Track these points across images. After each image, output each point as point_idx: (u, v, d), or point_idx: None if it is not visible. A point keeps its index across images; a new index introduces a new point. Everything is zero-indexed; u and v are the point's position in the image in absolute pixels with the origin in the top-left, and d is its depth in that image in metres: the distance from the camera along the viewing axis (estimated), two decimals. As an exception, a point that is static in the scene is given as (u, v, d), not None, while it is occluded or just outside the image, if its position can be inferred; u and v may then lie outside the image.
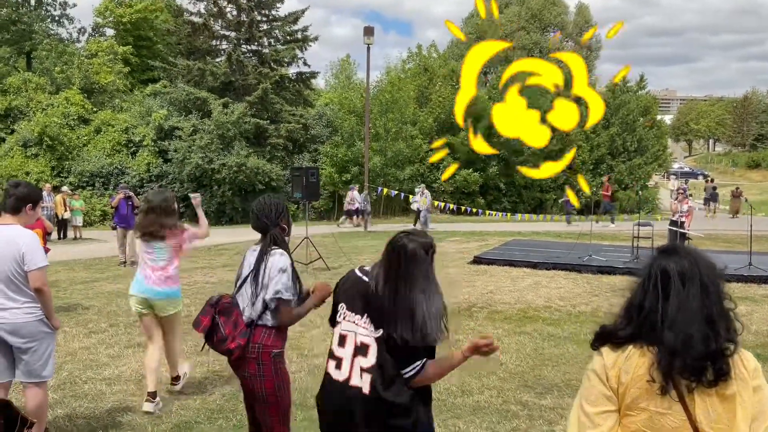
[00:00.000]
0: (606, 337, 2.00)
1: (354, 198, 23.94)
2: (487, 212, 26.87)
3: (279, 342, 3.44)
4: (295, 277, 3.48)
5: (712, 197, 31.18)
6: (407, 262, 2.64)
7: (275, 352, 3.42)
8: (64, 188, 20.97)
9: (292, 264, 3.49)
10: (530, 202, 33.31)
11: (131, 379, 5.96)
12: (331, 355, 2.77)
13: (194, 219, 13.58)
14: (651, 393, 1.88)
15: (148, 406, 5.14)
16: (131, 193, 13.68)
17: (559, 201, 25.95)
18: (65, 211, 19.44)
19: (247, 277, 3.47)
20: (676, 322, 1.86)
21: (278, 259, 3.43)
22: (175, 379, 5.61)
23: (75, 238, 19.82)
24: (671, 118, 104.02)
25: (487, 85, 42.01)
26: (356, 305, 2.73)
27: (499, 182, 32.57)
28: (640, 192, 29.61)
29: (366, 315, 2.69)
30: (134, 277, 5.39)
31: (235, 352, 3.35)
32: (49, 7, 36.48)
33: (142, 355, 6.73)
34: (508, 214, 24.81)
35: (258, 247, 3.52)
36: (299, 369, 6.03)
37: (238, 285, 3.54)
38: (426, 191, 23.46)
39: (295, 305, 3.49)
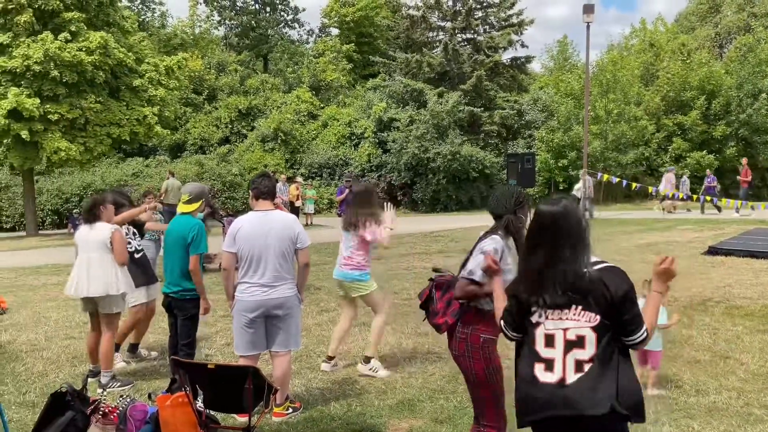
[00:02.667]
0: None
1: (668, 180, 23.08)
2: (724, 200, 24.35)
3: (491, 328, 3.37)
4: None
5: None
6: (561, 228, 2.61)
7: (485, 337, 3.40)
8: (299, 178, 22.90)
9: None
10: (777, 187, 29.63)
11: (359, 356, 6.34)
12: (537, 358, 2.59)
13: (409, 208, 14.05)
14: None
15: (324, 366, 6.00)
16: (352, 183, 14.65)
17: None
18: (297, 199, 21.21)
19: (468, 258, 3.50)
20: None
21: (486, 242, 3.44)
22: (366, 360, 5.93)
23: (306, 225, 21.55)
24: None
25: (723, 58, 38.04)
26: (558, 300, 2.57)
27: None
28: None
29: (574, 305, 2.54)
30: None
31: (443, 328, 3.48)
32: (282, 13, 39.97)
33: (367, 333, 7.13)
34: (748, 203, 22.17)
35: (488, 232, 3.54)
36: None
37: (461, 265, 3.58)
38: (588, 177, 21.86)
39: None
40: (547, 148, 28.58)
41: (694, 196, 23.00)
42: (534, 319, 2.62)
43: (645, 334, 2.54)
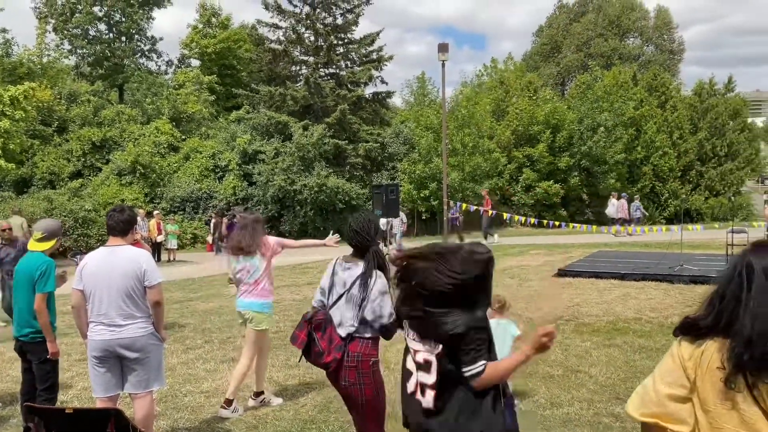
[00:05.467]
0: (688, 328, 1.96)
1: (621, 207, 24.41)
2: (571, 225, 26.35)
3: (375, 351, 3.57)
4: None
5: None
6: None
7: (374, 360, 3.54)
8: (156, 212, 22.05)
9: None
10: (615, 212, 32.43)
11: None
12: (403, 364, 2.85)
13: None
14: (724, 387, 1.84)
15: (223, 413, 5.55)
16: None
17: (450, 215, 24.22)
18: (159, 234, 20.41)
19: (343, 294, 3.59)
20: (755, 315, 1.82)
21: (380, 282, 3.57)
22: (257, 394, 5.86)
23: (169, 261, 20.76)
24: (764, 120, 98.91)
25: (565, 94, 41.34)
26: (418, 327, 2.75)
27: (582, 193, 31.89)
28: (732, 198, 28.26)
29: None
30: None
31: (332, 365, 3.49)
32: (139, 43, 38.60)
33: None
34: (594, 226, 24.28)
35: (352, 265, 3.65)
36: (386, 381, 6.14)
37: (333, 300, 3.65)
38: (402, 214, 22.04)
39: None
40: (410, 180, 29.51)
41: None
42: (405, 330, 2.83)
43: (478, 369, 2.59)
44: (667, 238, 19.45)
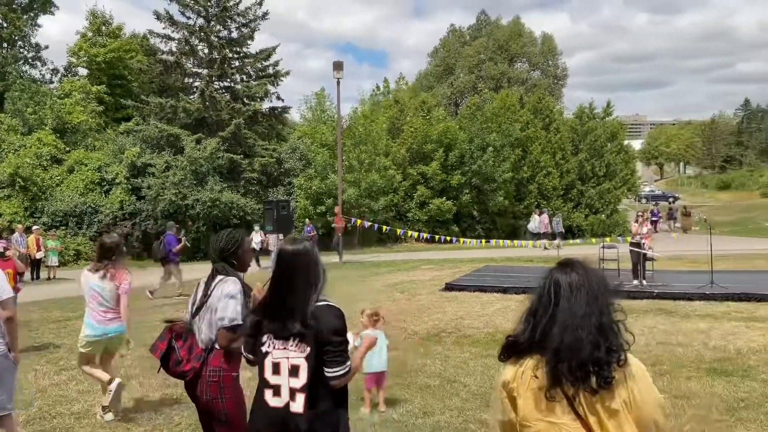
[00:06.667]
0: (511, 347, 2.08)
1: (543, 222, 26.22)
2: (462, 240, 27.24)
3: (236, 365, 3.61)
4: (246, 306, 3.66)
5: (671, 216, 38.94)
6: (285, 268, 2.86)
7: (234, 375, 3.59)
8: (36, 227, 20.89)
9: (244, 292, 3.66)
10: (504, 228, 33.78)
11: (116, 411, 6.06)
12: (266, 384, 2.83)
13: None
14: (544, 401, 1.95)
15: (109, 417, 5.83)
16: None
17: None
18: (38, 251, 19.34)
19: (203, 303, 3.65)
20: (564, 326, 1.96)
21: (228, 286, 3.61)
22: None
23: (49, 278, 19.67)
24: (641, 142, 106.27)
25: (458, 115, 42.74)
26: (283, 331, 2.82)
27: (473, 210, 32.99)
28: (608, 216, 30.17)
29: (293, 337, 2.79)
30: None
31: (189, 374, 3.51)
32: (21, 49, 36.58)
33: (111, 389, 6.84)
34: (483, 241, 25.30)
35: (208, 278, 3.73)
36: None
37: (192, 311, 3.70)
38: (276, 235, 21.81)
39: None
40: (306, 195, 29.51)
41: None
42: (264, 348, 2.85)
43: (345, 370, 2.74)
44: (546, 254, 20.51)
